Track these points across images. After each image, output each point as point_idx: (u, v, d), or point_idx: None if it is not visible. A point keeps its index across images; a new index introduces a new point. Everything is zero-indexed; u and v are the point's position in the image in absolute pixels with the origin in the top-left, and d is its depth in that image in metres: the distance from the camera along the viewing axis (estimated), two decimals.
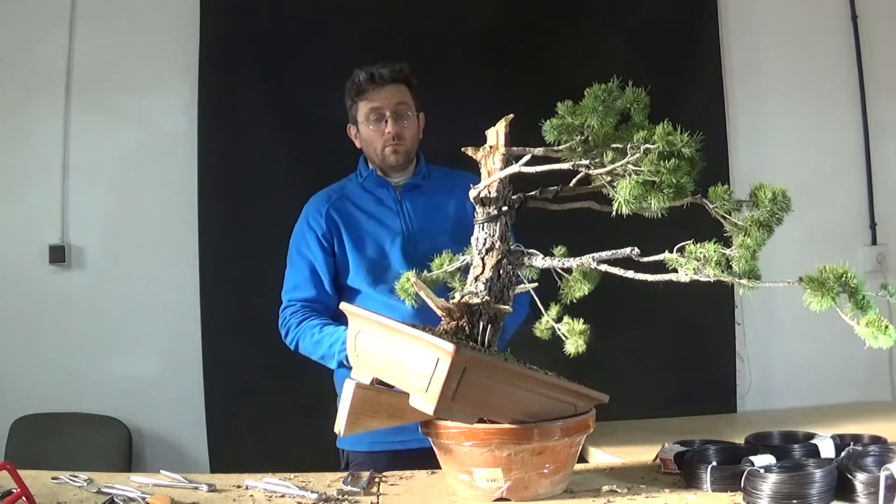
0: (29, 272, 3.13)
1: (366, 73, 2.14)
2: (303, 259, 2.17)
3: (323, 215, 2.18)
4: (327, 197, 2.22)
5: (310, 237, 2.17)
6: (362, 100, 2.16)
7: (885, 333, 1.23)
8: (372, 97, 2.14)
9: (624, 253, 1.41)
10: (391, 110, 2.14)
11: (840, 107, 3.58)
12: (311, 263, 2.16)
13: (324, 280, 2.16)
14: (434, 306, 1.49)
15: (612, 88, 1.41)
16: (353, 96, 2.18)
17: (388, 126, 2.14)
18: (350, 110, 2.21)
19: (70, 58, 3.17)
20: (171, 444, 3.15)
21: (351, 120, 2.22)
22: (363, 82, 2.14)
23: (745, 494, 1.32)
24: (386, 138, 2.14)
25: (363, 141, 2.19)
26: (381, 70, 2.14)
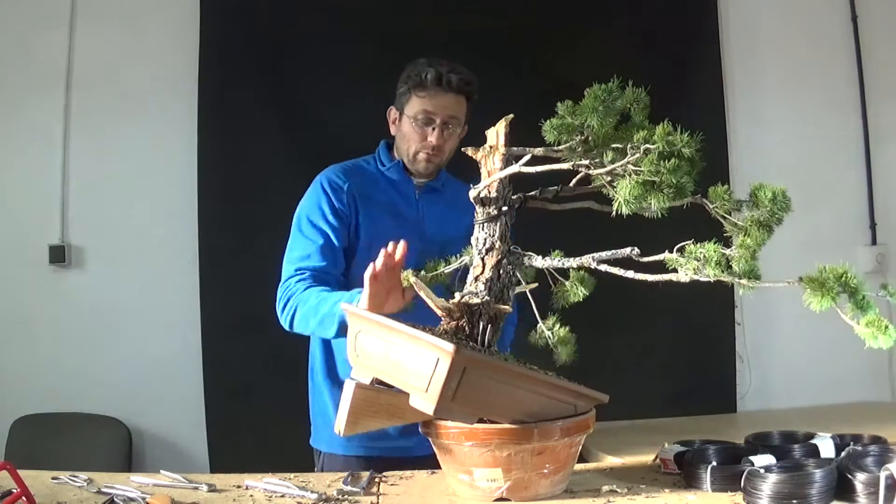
0: (29, 272, 3.13)
1: (435, 73, 1.99)
2: (316, 230, 1.99)
3: (345, 191, 2.03)
4: (346, 172, 2.07)
5: (327, 208, 2.01)
6: (419, 96, 2.01)
7: (885, 333, 1.23)
8: (430, 98, 2.00)
9: (624, 253, 1.41)
10: (442, 120, 2.01)
11: (840, 107, 3.58)
12: (325, 235, 1.99)
13: (338, 254, 1.99)
14: (434, 306, 1.49)
15: (612, 88, 1.41)
16: (411, 86, 2.02)
17: (434, 136, 2.01)
18: (400, 95, 2.06)
19: (70, 57, 3.17)
20: (171, 444, 3.15)
21: (397, 105, 2.07)
22: (429, 81, 1.99)
23: (745, 494, 1.32)
24: (426, 145, 2.02)
25: (401, 133, 2.06)
26: (451, 76, 2.00)
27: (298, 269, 1.94)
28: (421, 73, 2.00)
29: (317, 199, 2.03)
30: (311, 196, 2.05)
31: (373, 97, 3.03)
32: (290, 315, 1.90)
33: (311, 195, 2.05)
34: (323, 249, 1.97)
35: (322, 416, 2.05)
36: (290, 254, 2.00)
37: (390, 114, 2.10)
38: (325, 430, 2.02)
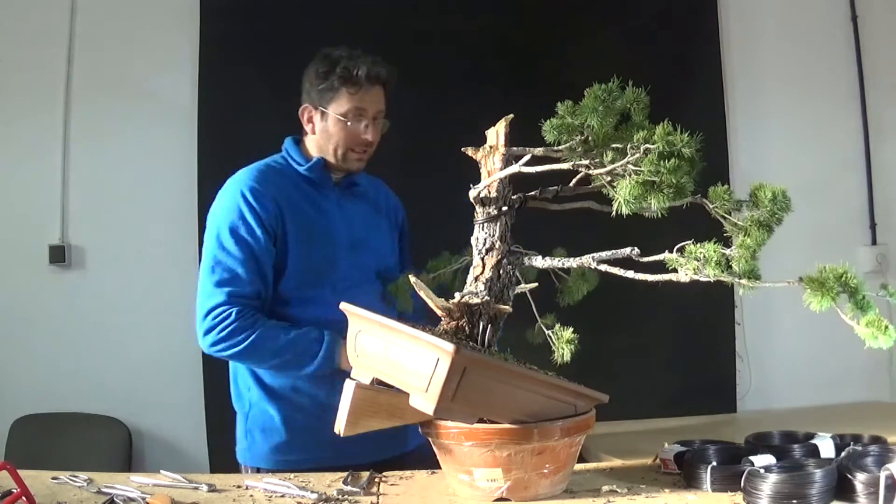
0: (29, 272, 3.13)
1: (366, 68, 1.91)
2: (242, 245, 1.84)
3: (269, 197, 1.88)
4: (265, 177, 1.93)
5: (252, 218, 1.85)
6: (350, 92, 1.91)
7: (885, 333, 1.23)
8: (362, 94, 1.92)
9: (624, 253, 1.41)
10: (373, 115, 1.95)
11: (840, 107, 3.58)
12: (253, 252, 1.85)
13: (267, 275, 1.87)
14: (434, 306, 1.49)
15: (612, 88, 1.41)
16: (339, 83, 1.91)
17: (369, 133, 1.95)
18: (322, 92, 1.94)
19: (70, 58, 3.17)
20: (171, 444, 3.15)
21: (316, 102, 1.95)
22: (362, 78, 1.91)
23: (745, 494, 1.32)
24: (361, 142, 1.95)
25: (326, 133, 1.95)
26: (380, 69, 1.94)
27: (232, 296, 1.83)
28: (351, 68, 1.90)
29: (237, 208, 1.87)
30: (229, 204, 1.89)
31: None
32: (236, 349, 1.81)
33: (229, 203, 1.89)
34: (252, 270, 1.85)
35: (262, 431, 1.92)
36: (215, 275, 1.85)
37: (305, 112, 2.00)
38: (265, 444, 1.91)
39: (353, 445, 1.60)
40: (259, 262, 1.86)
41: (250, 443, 1.95)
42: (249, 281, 1.84)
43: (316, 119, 1.98)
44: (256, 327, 1.82)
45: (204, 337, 1.85)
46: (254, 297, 1.85)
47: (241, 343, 1.81)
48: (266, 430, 1.92)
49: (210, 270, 1.87)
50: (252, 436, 1.94)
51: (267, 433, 1.92)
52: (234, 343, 1.81)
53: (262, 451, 1.92)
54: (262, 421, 1.93)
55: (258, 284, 1.86)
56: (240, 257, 1.85)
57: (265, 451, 1.92)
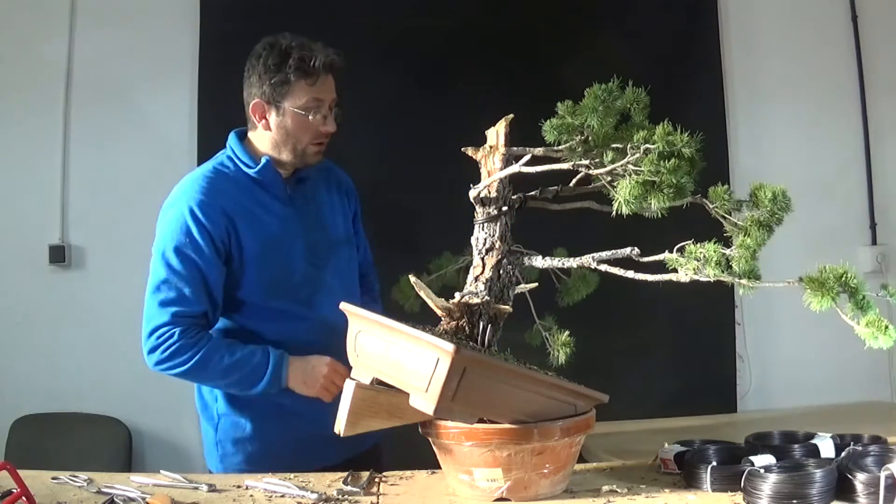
0: (29, 272, 3.13)
1: (322, 57, 1.80)
2: (189, 264, 1.76)
3: (218, 210, 1.78)
4: (212, 188, 1.81)
5: (200, 236, 1.76)
6: (308, 83, 1.80)
7: (885, 333, 1.23)
8: (319, 85, 1.81)
9: (624, 253, 1.41)
10: (330, 105, 1.85)
11: (840, 107, 3.58)
12: (200, 270, 1.77)
13: (215, 293, 1.79)
14: (434, 306, 1.49)
15: (612, 88, 1.42)
16: (294, 76, 1.80)
17: (329, 124, 1.84)
18: (276, 86, 1.81)
19: (70, 58, 3.17)
20: (171, 444, 3.15)
21: (269, 97, 1.83)
22: (316, 67, 1.79)
23: (745, 494, 1.32)
24: (320, 134, 1.84)
25: (284, 129, 1.84)
26: (333, 57, 1.82)
27: (176, 316, 1.75)
28: (307, 59, 1.79)
29: (184, 227, 1.78)
30: (176, 222, 1.80)
31: (373, 97, 3.07)
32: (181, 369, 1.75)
33: (175, 222, 1.80)
34: (198, 290, 1.77)
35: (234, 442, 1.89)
36: (160, 293, 1.77)
37: (256, 111, 1.86)
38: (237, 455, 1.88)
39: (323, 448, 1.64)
40: (207, 282, 1.78)
41: (222, 454, 1.91)
42: (196, 300, 1.77)
43: (271, 115, 1.85)
44: (200, 346, 1.75)
45: (148, 356, 1.78)
46: (200, 317, 1.79)
47: (185, 363, 1.75)
48: (237, 441, 1.89)
49: (155, 289, 1.79)
50: (223, 447, 1.91)
51: (238, 444, 1.89)
52: (178, 363, 1.75)
53: (234, 462, 1.89)
54: (233, 432, 1.89)
55: (205, 304, 1.78)
56: (186, 277, 1.77)
57: (238, 462, 1.89)
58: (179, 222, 1.79)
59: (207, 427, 1.96)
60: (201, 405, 1.98)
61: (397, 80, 3.04)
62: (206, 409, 1.96)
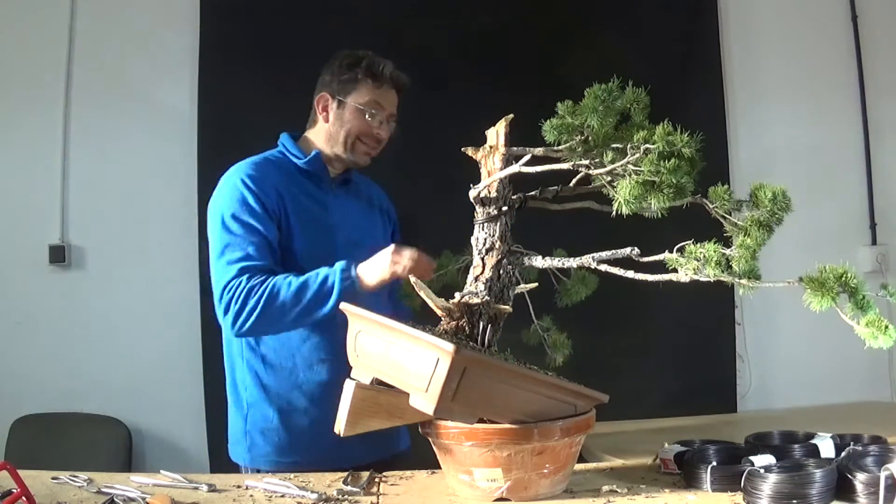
0: (29, 272, 3.13)
1: (390, 68, 1.98)
2: (247, 227, 1.83)
3: (269, 185, 1.89)
4: (262, 167, 1.94)
5: (255, 202, 1.85)
6: (373, 86, 1.97)
7: (885, 333, 1.23)
8: (383, 92, 1.98)
9: (624, 253, 1.41)
10: (388, 115, 2.01)
11: (840, 107, 3.58)
12: (258, 232, 1.83)
13: (275, 251, 1.86)
14: (434, 306, 1.49)
15: (612, 88, 1.42)
16: (362, 75, 1.97)
17: (383, 129, 1.99)
18: (344, 82, 1.98)
19: (70, 58, 3.17)
20: (171, 444, 3.15)
21: (336, 91, 1.99)
22: (386, 76, 1.97)
23: (745, 494, 1.32)
24: (372, 136, 1.98)
25: (340, 121, 1.98)
26: (400, 74, 2.00)
27: (244, 269, 1.80)
28: (376, 64, 1.97)
29: (239, 195, 1.86)
30: (230, 194, 1.88)
31: None
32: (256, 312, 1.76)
33: (229, 193, 1.88)
34: (261, 247, 1.83)
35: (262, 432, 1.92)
36: (224, 257, 1.82)
37: (321, 101, 2.01)
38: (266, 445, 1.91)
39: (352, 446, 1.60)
40: (267, 239, 1.84)
41: (250, 444, 1.94)
42: (260, 257, 1.82)
43: (332, 107, 2.00)
44: (268, 282, 1.77)
45: (224, 318, 1.80)
46: (266, 269, 1.82)
47: (257, 303, 1.76)
48: (265, 432, 1.92)
49: (220, 254, 1.83)
50: (251, 437, 1.93)
51: (266, 434, 1.92)
52: (251, 307, 1.76)
53: (262, 453, 1.92)
54: (262, 422, 1.92)
55: (268, 259, 1.83)
56: (247, 237, 1.83)
57: (266, 453, 1.92)
58: (233, 192, 1.87)
59: (236, 417, 1.98)
60: (233, 394, 1.99)
61: None
62: (237, 398, 1.98)
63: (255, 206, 1.85)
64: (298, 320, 1.80)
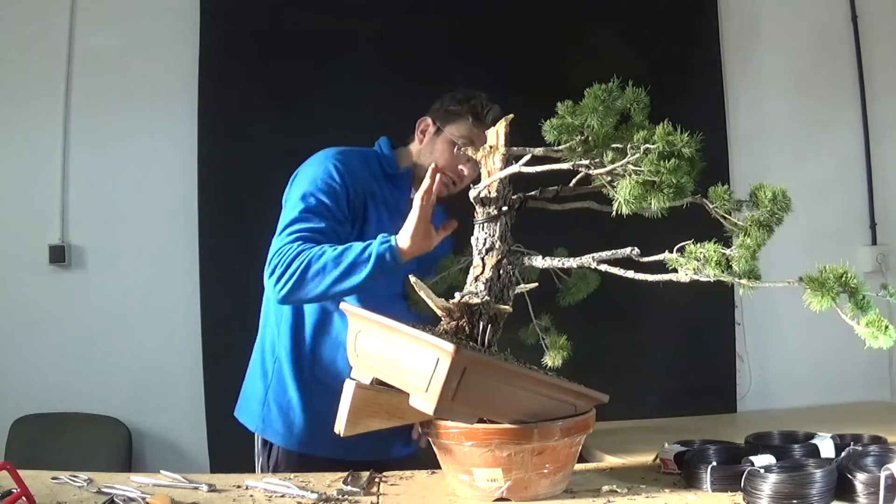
0: (29, 272, 3.13)
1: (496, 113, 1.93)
2: (325, 208, 1.86)
3: (357, 178, 1.92)
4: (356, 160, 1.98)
5: (339, 189, 1.88)
6: (473, 124, 1.97)
7: (885, 333, 1.23)
8: (479, 133, 1.92)
9: (624, 253, 1.41)
10: None
11: (840, 107, 3.58)
12: (334, 216, 1.86)
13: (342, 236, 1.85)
14: (434, 306, 1.49)
15: (612, 88, 1.42)
16: (469, 112, 1.99)
17: (467, 166, 1.97)
18: (449, 113, 2.01)
19: (70, 58, 3.17)
20: (171, 444, 3.15)
21: (439, 119, 2.02)
22: (488, 116, 1.96)
23: (745, 494, 1.33)
24: (455, 171, 1.98)
25: (431, 146, 2.01)
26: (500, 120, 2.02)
27: (299, 237, 1.80)
28: (483, 104, 1.99)
29: (327, 176, 1.89)
30: (318, 172, 1.91)
31: (373, 97, 3.07)
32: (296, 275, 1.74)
33: (317, 171, 1.91)
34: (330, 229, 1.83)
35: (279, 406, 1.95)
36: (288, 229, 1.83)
37: (422, 123, 2.05)
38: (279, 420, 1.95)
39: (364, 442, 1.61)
40: (338, 226, 1.86)
41: (265, 414, 1.97)
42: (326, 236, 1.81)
43: (429, 132, 2.04)
44: (315, 248, 1.76)
45: (268, 281, 1.79)
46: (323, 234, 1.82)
47: (298, 267, 1.74)
48: (282, 408, 1.95)
49: (283, 227, 1.84)
50: (269, 407, 1.97)
51: (283, 411, 1.95)
52: (293, 271, 1.74)
53: (276, 426, 1.95)
54: (282, 399, 1.95)
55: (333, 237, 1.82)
56: (321, 217, 1.84)
57: (279, 427, 1.95)
58: (322, 171, 1.91)
59: (258, 384, 2.00)
60: (259, 360, 2.02)
61: (397, 79, 3.04)
62: (262, 365, 2.01)
63: (338, 191, 1.88)
64: (335, 285, 1.75)
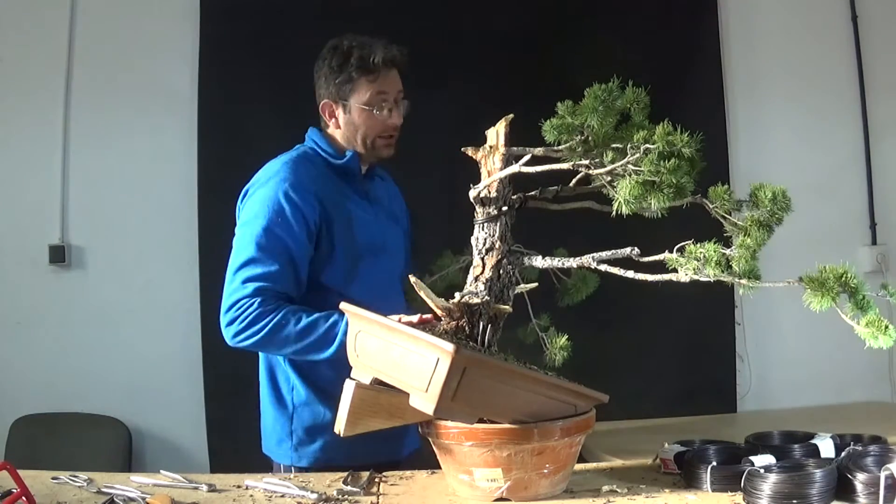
0: (29, 272, 3.13)
1: (382, 54, 1.87)
2: (278, 243, 1.80)
3: (311, 192, 1.84)
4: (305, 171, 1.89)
5: (293, 216, 1.81)
6: (369, 80, 1.88)
7: (885, 333, 1.23)
8: (381, 80, 1.89)
9: (624, 253, 1.41)
10: (395, 97, 1.92)
11: (840, 107, 3.58)
12: (290, 252, 1.80)
13: (301, 275, 1.83)
14: (434, 306, 1.49)
15: (612, 88, 1.42)
16: (356, 73, 1.88)
17: (395, 116, 1.92)
18: (340, 84, 1.90)
19: (70, 58, 3.17)
20: (171, 444, 3.15)
21: (336, 96, 1.92)
22: (376, 63, 1.87)
23: (745, 494, 1.32)
24: (388, 127, 1.92)
25: (352, 125, 1.92)
26: (393, 53, 1.89)
27: (259, 291, 1.77)
28: (366, 56, 1.87)
29: (278, 206, 1.82)
30: (269, 202, 1.83)
31: None
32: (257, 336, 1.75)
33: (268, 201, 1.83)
34: (285, 269, 1.80)
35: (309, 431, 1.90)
36: (244, 270, 1.79)
37: (326, 108, 1.95)
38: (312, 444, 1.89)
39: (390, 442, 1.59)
40: (294, 261, 1.81)
41: (297, 443, 1.90)
42: (281, 278, 1.79)
43: (339, 113, 1.94)
44: (277, 311, 1.76)
45: (226, 328, 1.80)
46: (282, 295, 1.80)
47: (261, 330, 1.75)
48: (315, 430, 1.88)
49: (240, 266, 1.81)
50: (298, 436, 1.90)
51: (316, 432, 1.88)
52: (255, 331, 1.75)
53: (310, 450, 1.88)
54: (312, 420, 1.89)
55: (290, 283, 1.81)
56: (274, 255, 1.79)
57: (314, 450, 1.88)
58: (272, 201, 1.83)
59: (278, 418, 1.93)
60: (272, 396, 1.94)
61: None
62: (279, 400, 1.93)
63: (291, 221, 1.81)
64: (296, 355, 1.81)
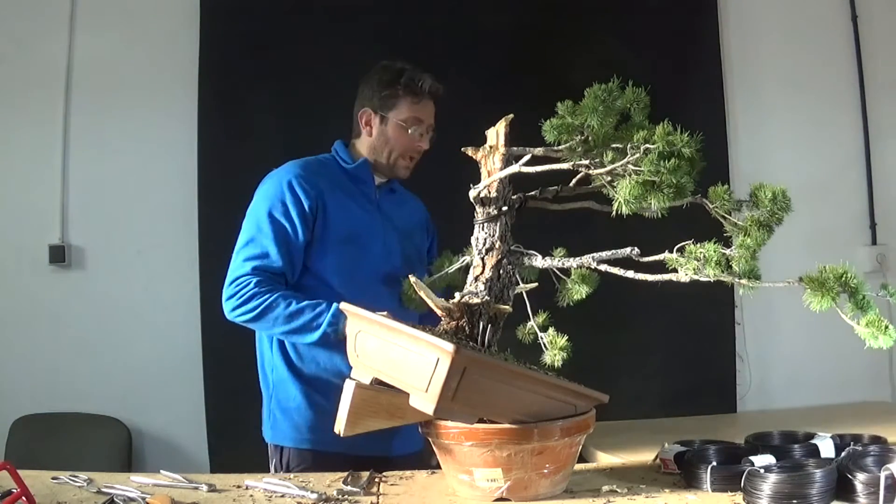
0: (29, 272, 3.13)
1: (430, 82, 2.06)
2: (276, 226, 1.95)
3: (313, 185, 1.98)
4: (310, 167, 2.04)
5: (291, 204, 1.95)
6: (413, 102, 2.06)
7: (885, 333, 1.23)
8: (422, 106, 2.07)
9: (624, 253, 1.41)
10: (428, 126, 2.09)
11: (840, 107, 3.58)
12: (285, 234, 1.94)
13: (295, 257, 1.96)
14: (434, 306, 1.49)
15: (612, 88, 1.42)
16: (403, 91, 2.05)
17: (424, 141, 2.09)
18: (385, 98, 2.06)
19: (70, 58, 3.17)
20: (171, 444, 3.15)
21: (378, 107, 2.07)
22: (424, 89, 2.05)
23: (745, 494, 1.32)
24: (414, 149, 2.08)
25: (384, 137, 2.07)
26: (438, 85, 2.08)
27: (257, 269, 1.92)
28: (415, 79, 2.05)
29: (279, 193, 1.97)
30: (272, 189, 1.99)
31: None
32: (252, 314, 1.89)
33: (273, 188, 1.99)
34: (282, 249, 1.93)
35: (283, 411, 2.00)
36: (246, 248, 1.95)
37: (364, 115, 2.09)
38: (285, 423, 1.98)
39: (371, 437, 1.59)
40: (289, 244, 1.95)
41: (273, 422, 2.02)
42: (277, 259, 1.93)
43: (375, 122, 2.08)
44: (272, 293, 1.90)
45: (226, 302, 1.94)
46: (278, 274, 1.94)
47: (255, 308, 1.89)
48: (286, 411, 1.99)
49: (242, 246, 1.96)
50: (274, 415, 2.02)
51: (287, 413, 1.99)
52: (249, 308, 1.90)
53: (283, 430, 1.99)
54: (284, 401, 2.00)
55: (285, 264, 1.94)
56: (272, 237, 1.94)
57: (285, 430, 1.99)
58: (276, 190, 1.99)
59: (265, 396, 2.06)
60: (262, 375, 2.08)
61: None
62: (264, 378, 2.07)
63: (290, 207, 1.95)
64: (285, 335, 1.95)
